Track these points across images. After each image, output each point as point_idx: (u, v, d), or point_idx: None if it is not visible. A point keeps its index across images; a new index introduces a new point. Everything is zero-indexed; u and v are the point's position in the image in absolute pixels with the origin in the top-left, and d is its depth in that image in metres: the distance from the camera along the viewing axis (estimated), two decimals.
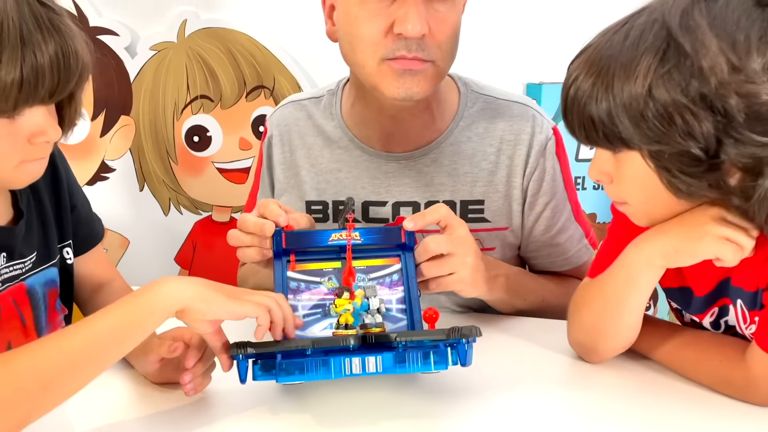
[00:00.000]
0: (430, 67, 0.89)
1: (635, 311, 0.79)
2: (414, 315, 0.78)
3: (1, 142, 0.68)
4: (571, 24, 1.59)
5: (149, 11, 1.57)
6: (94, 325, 0.65)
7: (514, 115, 0.99)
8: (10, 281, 0.78)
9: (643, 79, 0.64)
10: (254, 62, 1.60)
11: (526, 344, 0.90)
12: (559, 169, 1.01)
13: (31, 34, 0.65)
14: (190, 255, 1.70)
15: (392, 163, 0.99)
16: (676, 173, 0.67)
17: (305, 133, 1.04)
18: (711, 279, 0.78)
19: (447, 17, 0.88)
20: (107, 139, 1.62)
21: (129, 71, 1.58)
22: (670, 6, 0.66)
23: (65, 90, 0.69)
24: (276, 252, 0.79)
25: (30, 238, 0.80)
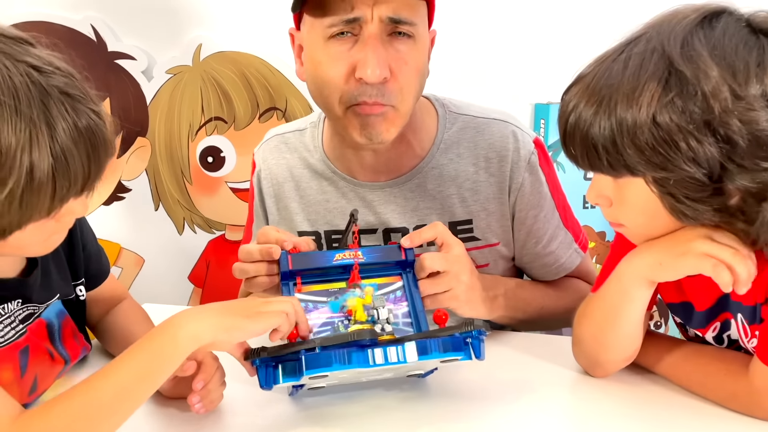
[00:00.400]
0: (390, 111, 0.88)
1: (632, 323, 0.80)
2: (421, 326, 0.80)
3: (35, 236, 0.68)
4: (578, 45, 1.61)
5: (165, 36, 1.61)
6: (118, 374, 0.66)
7: (494, 133, 0.99)
8: (27, 320, 0.79)
9: (647, 107, 0.66)
10: (267, 85, 1.64)
11: (530, 358, 0.91)
12: (545, 179, 1.01)
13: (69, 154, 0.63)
14: (203, 273, 1.73)
15: (377, 192, 1.00)
16: (681, 198, 0.68)
17: (292, 166, 1.05)
18: (711, 294, 0.79)
19: (408, 57, 0.87)
20: (124, 160, 1.66)
21: (145, 94, 1.63)
22: (667, 35, 0.68)
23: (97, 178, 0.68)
24: (283, 273, 0.81)
25: (48, 284, 0.81)
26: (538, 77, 1.69)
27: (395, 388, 0.82)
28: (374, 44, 0.85)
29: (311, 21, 0.89)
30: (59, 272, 0.85)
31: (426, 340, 0.71)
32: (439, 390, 0.82)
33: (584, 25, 1.64)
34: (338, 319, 0.80)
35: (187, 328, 0.67)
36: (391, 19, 0.85)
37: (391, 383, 0.83)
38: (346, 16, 0.85)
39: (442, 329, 0.73)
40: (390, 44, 0.86)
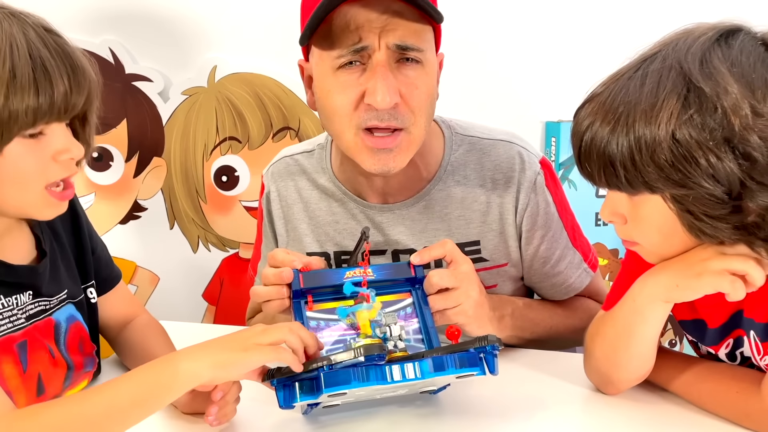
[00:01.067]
0: (403, 138, 0.89)
1: (645, 343, 0.80)
2: (432, 342, 0.80)
3: (27, 161, 0.72)
4: (589, 63, 1.63)
5: (181, 59, 1.64)
6: (115, 392, 0.68)
7: (500, 154, 1.00)
8: (36, 316, 0.81)
9: (666, 123, 0.66)
10: (280, 105, 1.66)
11: (542, 375, 0.92)
12: (552, 200, 1.02)
13: (46, 60, 0.71)
14: (217, 291, 1.74)
15: (386, 213, 1.01)
16: (700, 216, 0.68)
17: (301, 188, 1.06)
18: (723, 311, 0.79)
19: (418, 82, 0.88)
20: (140, 180, 1.68)
21: (162, 115, 1.65)
22: (684, 52, 0.68)
23: (79, 105, 0.74)
24: (294, 292, 0.82)
25: (57, 277, 0.84)
26: (548, 95, 1.70)
27: (409, 404, 0.83)
28: (383, 72, 0.86)
29: (319, 53, 0.90)
30: (68, 271, 0.87)
31: (442, 356, 0.71)
32: (452, 406, 0.83)
33: (595, 44, 1.65)
34: (350, 336, 0.81)
35: (185, 366, 0.68)
36: (398, 46, 0.86)
37: (405, 400, 0.83)
38: (354, 46, 0.86)
39: (456, 345, 0.74)
40: (399, 70, 0.87)
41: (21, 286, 0.79)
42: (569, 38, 1.66)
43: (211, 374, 0.69)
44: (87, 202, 1.67)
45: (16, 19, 0.72)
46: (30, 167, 0.73)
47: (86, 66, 0.76)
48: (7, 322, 0.78)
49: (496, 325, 0.92)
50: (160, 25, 1.64)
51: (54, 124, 0.73)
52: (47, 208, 0.77)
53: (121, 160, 1.66)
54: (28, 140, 0.72)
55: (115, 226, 1.69)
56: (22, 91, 0.69)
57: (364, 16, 0.85)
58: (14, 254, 0.80)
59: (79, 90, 0.73)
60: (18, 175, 0.73)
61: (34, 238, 0.84)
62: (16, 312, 0.79)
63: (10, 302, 0.78)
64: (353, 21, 0.85)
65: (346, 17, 0.85)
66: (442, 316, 0.84)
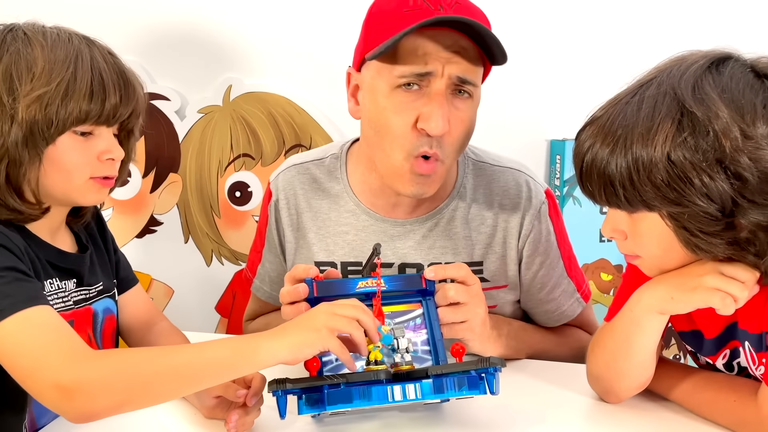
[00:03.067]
0: (439, 167, 0.94)
1: (644, 352, 0.83)
2: (439, 355, 0.83)
3: (76, 155, 0.83)
4: (594, 82, 1.66)
5: (198, 78, 1.69)
6: (201, 351, 0.74)
7: (509, 181, 1.05)
8: (78, 304, 0.90)
9: (662, 145, 0.70)
10: (293, 123, 1.71)
11: (543, 384, 0.94)
12: (553, 229, 1.06)
13: (104, 72, 0.83)
14: (230, 304, 1.78)
15: (398, 228, 1.04)
16: (695, 232, 0.72)
17: (310, 197, 1.08)
18: (719, 322, 0.82)
19: (465, 115, 0.93)
20: (156, 195, 1.73)
21: (178, 132, 1.70)
22: (678, 79, 0.72)
23: (125, 116, 0.85)
24: (309, 300, 0.85)
25: (94, 269, 0.94)
26: (553, 114, 1.73)
27: (409, 409, 0.86)
28: (440, 100, 0.90)
29: (379, 66, 0.92)
30: (101, 265, 0.96)
31: (442, 378, 0.74)
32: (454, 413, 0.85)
33: (599, 64, 1.68)
34: None
35: (268, 345, 0.73)
36: (459, 78, 0.90)
37: (406, 406, 0.86)
38: (419, 69, 0.89)
39: (459, 364, 0.76)
40: (452, 101, 0.92)
41: (69, 273, 0.90)
42: (574, 57, 1.70)
43: (287, 355, 0.73)
44: (105, 217, 1.71)
45: (86, 40, 0.87)
46: (76, 160, 0.84)
47: (137, 85, 0.88)
48: (61, 302, 0.87)
49: (494, 342, 0.96)
50: (177, 46, 1.69)
51: (103, 128, 0.85)
52: (91, 194, 0.87)
53: (139, 176, 1.71)
54: (78, 137, 0.84)
55: (131, 239, 1.74)
56: (79, 93, 0.81)
57: (433, 45, 0.89)
58: (63, 247, 0.90)
59: (128, 103, 0.85)
60: (65, 164, 0.83)
61: (73, 237, 0.94)
62: (66, 295, 0.89)
63: (63, 285, 0.88)
64: (422, 47, 0.89)
65: (415, 42, 0.89)
66: (449, 330, 0.88)
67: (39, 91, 0.80)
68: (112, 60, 0.87)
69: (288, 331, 0.75)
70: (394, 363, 0.81)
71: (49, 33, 0.85)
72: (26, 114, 0.79)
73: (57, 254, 0.88)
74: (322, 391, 0.73)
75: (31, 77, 0.80)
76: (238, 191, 1.73)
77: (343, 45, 1.66)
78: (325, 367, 0.82)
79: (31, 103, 0.80)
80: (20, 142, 0.80)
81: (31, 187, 0.83)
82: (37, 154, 0.81)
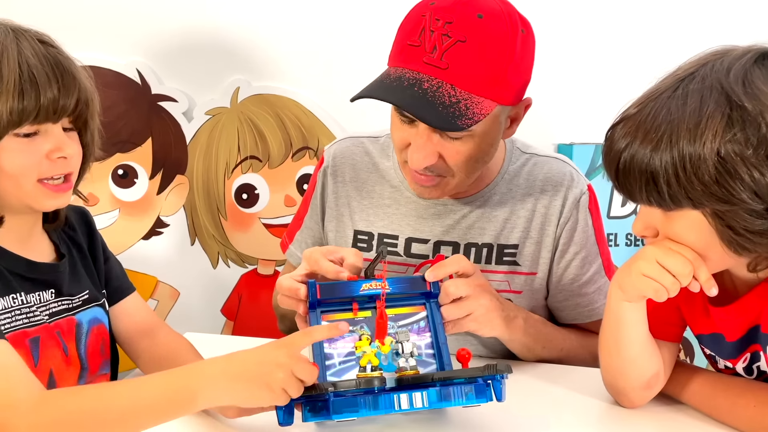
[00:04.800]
0: (442, 181, 0.97)
1: (634, 346, 0.83)
2: (443, 359, 0.82)
3: (19, 157, 0.79)
4: (601, 87, 1.66)
5: (205, 80, 1.69)
6: (138, 391, 0.71)
7: (553, 170, 1.07)
8: (59, 315, 0.86)
9: (711, 141, 0.68)
10: (300, 125, 1.71)
11: (550, 387, 0.94)
12: (591, 223, 1.06)
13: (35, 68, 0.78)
14: (235, 306, 1.78)
15: (439, 207, 1.07)
16: (739, 231, 0.70)
17: (360, 168, 1.12)
18: (741, 325, 0.81)
19: (460, 149, 0.94)
20: (163, 197, 1.73)
21: (185, 134, 1.70)
22: (724, 73, 0.71)
23: (69, 109, 0.80)
24: (311, 303, 0.85)
25: (77, 278, 0.89)
26: (561, 118, 1.73)
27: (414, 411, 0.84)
28: (421, 141, 0.93)
29: None
30: (88, 272, 0.91)
31: (449, 386, 0.73)
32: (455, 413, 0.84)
33: (606, 68, 1.68)
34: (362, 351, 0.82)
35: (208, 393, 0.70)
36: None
37: None
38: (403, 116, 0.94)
39: (465, 370, 0.76)
40: (443, 137, 0.93)
41: (44, 284, 0.84)
42: (581, 63, 1.70)
43: (232, 403, 0.72)
44: (111, 218, 1.72)
45: (13, 32, 0.80)
46: (22, 163, 0.79)
47: (77, 73, 0.82)
48: (24, 317, 0.82)
49: (508, 324, 0.94)
50: (185, 48, 1.69)
51: (48, 126, 0.80)
52: (44, 200, 0.83)
53: (146, 177, 1.71)
54: (21, 139, 0.79)
55: (138, 241, 1.73)
56: (7, 94, 0.76)
57: None
58: (37, 256, 0.86)
59: (68, 93, 0.79)
60: (11, 169, 0.79)
61: (52, 245, 0.89)
62: (36, 309, 0.83)
63: (31, 299, 0.83)
64: None
65: None
66: (454, 325, 0.87)
67: None
68: (44, 50, 0.79)
69: (240, 381, 0.70)
70: (400, 367, 0.80)
71: None
72: None
73: (26, 265, 0.83)
74: (326, 399, 0.72)
75: None
76: (245, 193, 1.73)
77: (351, 47, 1.67)
78: (328, 370, 0.81)
79: None
80: None
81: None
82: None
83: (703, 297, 0.83)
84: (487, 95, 0.91)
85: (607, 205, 1.74)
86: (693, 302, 0.85)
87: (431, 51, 0.90)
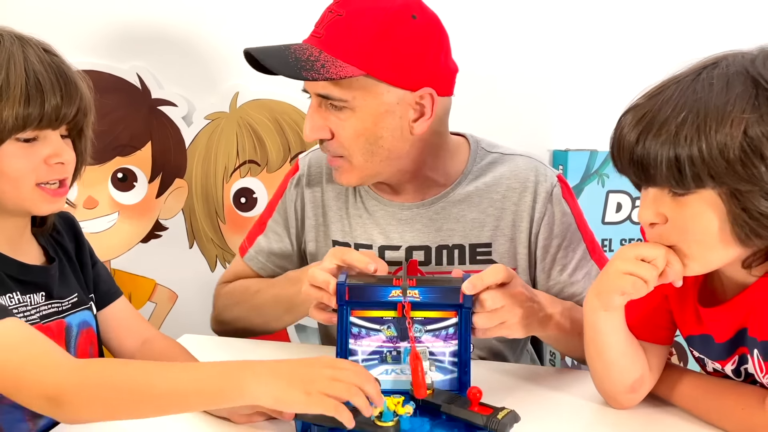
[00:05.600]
0: (344, 162, 1.03)
1: (613, 351, 0.85)
2: (463, 376, 0.84)
3: (19, 161, 0.81)
4: (596, 94, 1.68)
5: (205, 85, 1.70)
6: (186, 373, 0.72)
7: (519, 166, 1.08)
8: (49, 317, 0.87)
9: (739, 122, 0.69)
10: (298, 130, 1.72)
11: (555, 393, 0.95)
12: (569, 211, 1.08)
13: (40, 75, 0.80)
14: None
15: (405, 212, 1.09)
16: (754, 214, 0.71)
17: (333, 178, 1.12)
18: (730, 327, 0.82)
19: (346, 124, 1.00)
20: (162, 200, 1.74)
21: (185, 138, 1.71)
22: (748, 61, 0.73)
23: (69, 116, 0.82)
24: (339, 304, 0.85)
25: (66, 281, 0.90)
26: (556, 125, 1.75)
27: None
28: (310, 112, 1.02)
29: None
30: (76, 276, 0.93)
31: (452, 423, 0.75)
32: None
33: (601, 75, 1.70)
34: (387, 350, 0.85)
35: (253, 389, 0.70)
36: (318, 94, 1.00)
37: None
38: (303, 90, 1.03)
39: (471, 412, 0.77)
40: (329, 113, 1.01)
41: (35, 286, 0.86)
42: (576, 68, 1.72)
43: (271, 405, 0.71)
44: (111, 221, 1.73)
45: (18, 40, 0.82)
46: (22, 167, 0.81)
47: (79, 83, 0.84)
48: (22, 317, 0.83)
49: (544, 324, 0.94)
50: (185, 52, 1.70)
51: (48, 132, 0.82)
52: (42, 204, 0.85)
53: (145, 181, 1.72)
54: (22, 144, 0.81)
55: (136, 244, 1.75)
56: (14, 100, 0.78)
57: None
58: (27, 259, 0.87)
59: (71, 102, 0.82)
60: (11, 172, 0.81)
61: (41, 248, 0.91)
62: (30, 310, 0.85)
63: (25, 300, 0.84)
64: None
65: None
66: (485, 333, 0.87)
67: None
68: (48, 58, 0.82)
69: (280, 380, 0.70)
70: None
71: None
72: None
73: (18, 267, 0.85)
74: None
75: None
76: (244, 197, 1.74)
77: None
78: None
79: None
80: None
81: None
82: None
83: (693, 298, 0.85)
84: (352, 62, 0.96)
85: (602, 212, 1.75)
86: (684, 304, 0.86)
87: (318, 26, 1.02)
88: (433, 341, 0.86)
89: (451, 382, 0.86)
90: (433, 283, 0.88)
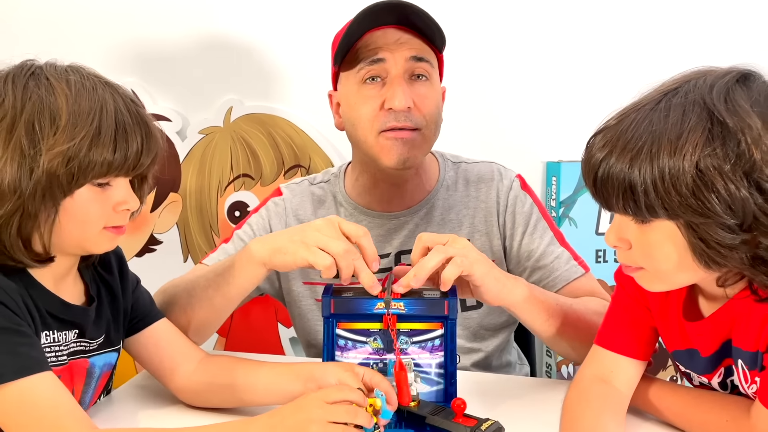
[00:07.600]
0: (417, 136, 1.08)
1: None
2: (449, 387, 0.85)
3: (94, 207, 0.82)
4: (588, 106, 1.69)
5: (199, 99, 1.72)
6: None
7: (482, 170, 1.22)
8: (75, 355, 0.87)
9: (691, 154, 0.69)
10: (292, 144, 1.73)
11: (541, 405, 0.94)
12: (530, 201, 1.17)
13: (127, 124, 0.81)
14: (227, 322, 1.78)
15: (392, 221, 1.18)
16: (711, 244, 0.71)
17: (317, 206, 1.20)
18: (714, 339, 0.82)
19: (427, 94, 1.09)
20: (156, 214, 1.75)
21: (179, 153, 1.72)
22: (707, 90, 0.72)
23: (145, 165, 0.84)
24: (325, 317, 0.86)
25: (99, 323, 0.90)
26: (549, 136, 1.76)
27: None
28: (399, 80, 1.07)
29: (346, 75, 1.11)
30: (114, 319, 0.92)
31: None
32: None
33: (593, 87, 1.72)
34: (373, 362, 0.85)
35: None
36: (412, 57, 1.07)
37: None
38: (371, 58, 1.06)
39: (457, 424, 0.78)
40: (412, 85, 1.08)
41: (71, 325, 0.86)
42: (569, 81, 1.73)
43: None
44: None
45: (109, 87, 0.83)
46: (93, 211, 0.82)
47: (157, 133, 0.86)
48: (53, 355, 0.84)
49: (513, 282, 0.93)
50: (179, 68, 1.72)
51: (120, 178, 0.83)
52: (104, 243, 0.85)
53: None
54: (96, 188, 0.81)
55: (131, 258, 1.75)
56: (104, 146, 0.79)
57: (381, 39, 1.07)
58: (69, 296, 0.87)
59: (149, 152, 0.83)
60: (83, 216, 0.81)
61: (84, 285, 0.90)
62: (62, 348, 0.85)
63: (58, 338, 0.84)
64: (372, 42, 1.07)
65: (367, 42, 1.08)
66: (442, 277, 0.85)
67: (63, 146, 0.77)
68: (135, 108, 0.84)
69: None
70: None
71: (72, 81, 0.81)
72: (48, 167, 0.77)
73: (60, 305, 0.84)
74: None
75: (55, 130, 0.77)
76: (238, 211, 1.75)
77: None
78: None
79: (54, 158, 0.77)
80: (38, 195, 0.77)
81: (41, 239, 0.80)
82: (54, 206, 0.79)
83: (677, 313, 0.85)
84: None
85: (595, 222, 1.76)
86: (668, 318, 0.86)
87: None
88: (419, 353, 0.86)
89: (437, 393, 0.86)
90: (418, 295, 0.88)
